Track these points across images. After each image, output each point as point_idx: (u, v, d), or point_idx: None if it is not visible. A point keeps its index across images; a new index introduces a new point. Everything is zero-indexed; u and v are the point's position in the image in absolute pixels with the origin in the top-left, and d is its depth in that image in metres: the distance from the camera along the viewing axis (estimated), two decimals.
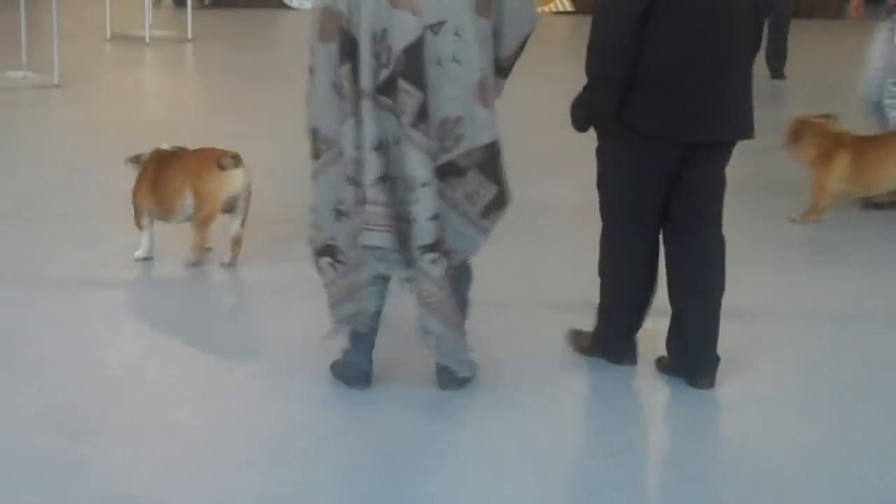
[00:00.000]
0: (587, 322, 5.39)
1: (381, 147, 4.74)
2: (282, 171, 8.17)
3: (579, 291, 5.88)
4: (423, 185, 4.71)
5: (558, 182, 8.53)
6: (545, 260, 6.93)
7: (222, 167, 6.54)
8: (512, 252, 6.70)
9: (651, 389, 5.23)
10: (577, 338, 5.48)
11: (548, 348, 5.55)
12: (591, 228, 5.42)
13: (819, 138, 7.95)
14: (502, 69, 4.97)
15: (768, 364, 5.52)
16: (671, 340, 5.25)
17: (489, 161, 4.84)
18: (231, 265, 6.64)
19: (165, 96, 13.07)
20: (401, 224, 4.79)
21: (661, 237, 5.24)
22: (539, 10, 18.34)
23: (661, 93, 4.92)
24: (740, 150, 5.23)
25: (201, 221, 6.59)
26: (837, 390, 5.33)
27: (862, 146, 7.94)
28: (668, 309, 5.23)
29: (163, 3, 18.87)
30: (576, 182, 4.98)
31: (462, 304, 5.01)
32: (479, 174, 4.83)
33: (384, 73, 4.70)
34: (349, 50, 4.73)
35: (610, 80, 4.89)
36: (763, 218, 8.00)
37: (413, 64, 4.65)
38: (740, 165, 5.53)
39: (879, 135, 8.25)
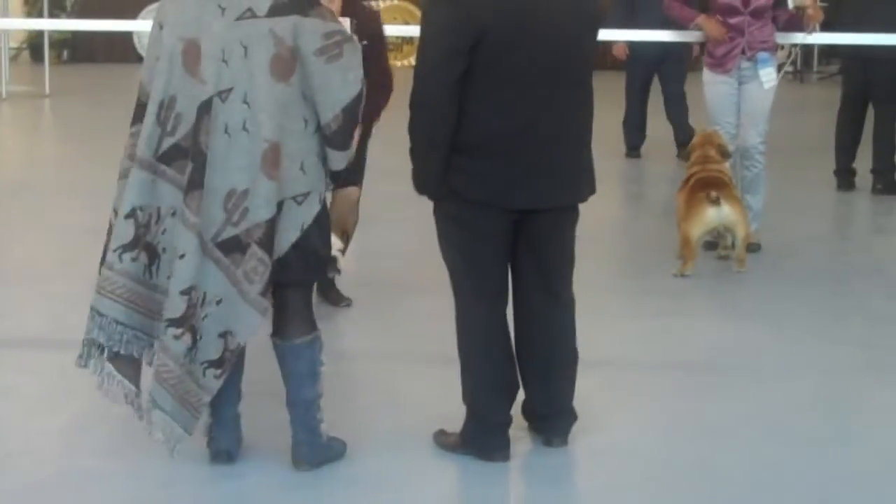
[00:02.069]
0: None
1: (136, 216, 4.62)
2: None
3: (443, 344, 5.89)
4: (181, 256, 4.57)
5: (396, 229, 8.51)
6: (414, 311, 6.95)
7: None
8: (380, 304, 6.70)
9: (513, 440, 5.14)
10: (444, 438, 5.17)
11: (411, 407, 5.54)
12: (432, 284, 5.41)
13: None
14: (328, 139, 4.66)
15: (624, 413, 5.57)
16: (526, 407, 5.16)
17: (270, 237, 4.59)
18: None
19: (22, 152, 12.89)
20: (152, 296, 4.68)
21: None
22: (399, 63, 18.45)
23: (483, 157, 4.74)
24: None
25: None
26: (694, 438, 5.39)
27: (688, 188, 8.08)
28: None
29: (20, 57, 18.63)
30: (430, 230, 4.93)
31: (311, 375, 4.87)
32: (260, 250, 4.58)
33: (168, 142, 4.59)
34: (139, 114, 4.68)
35: (430, 143, 4.74)
36: (620, 269, 8.09)
37: (196, 129, 4.54)
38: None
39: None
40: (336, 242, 5.62)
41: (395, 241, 8.14)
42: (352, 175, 5.26)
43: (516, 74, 4.68)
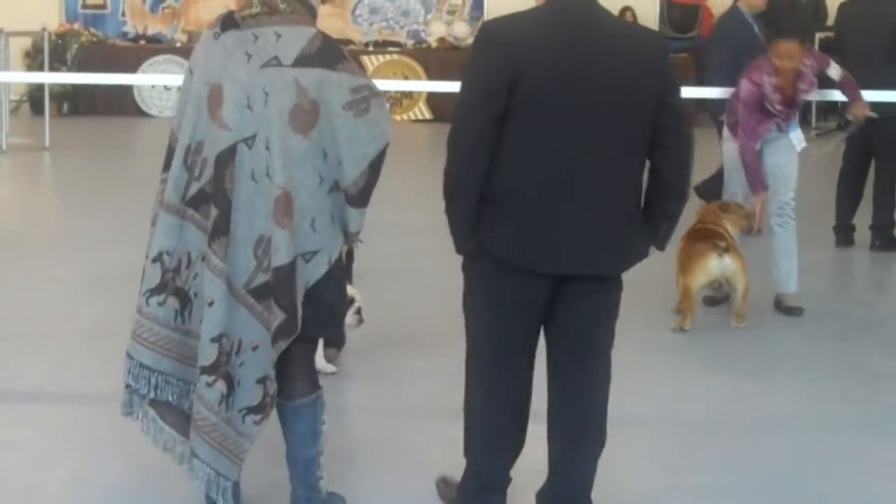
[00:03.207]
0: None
1: (163, 261, 4.63)
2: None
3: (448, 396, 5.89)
4: (210, 304, 4.56)
5: (400, 284, 8.56)
6: (415, 367, 6.95)
7: None
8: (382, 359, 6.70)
9: None
10: (445, 488, 5.11)
11: (411, 463, 5.53)
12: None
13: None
14: (351, 197, 4.61)
15: (623, 470, 5.56)
16: (544, 489, 4.86)
17: (278, 284, 4.54)
18: None
19: (21, 204, 12.91)
20: (185, 342, 4.69)
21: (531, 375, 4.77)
22: (398, 118, 18.50)
23: (510, 211, 4.43)
24: None
25: None
26: (692, 496, 5.38)
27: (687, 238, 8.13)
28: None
29: (20, 110, 18.68)
30: (426, 285, 4.88)
31: (313, 433, 4.84)
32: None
33: (195, 187, 4.60)
34: (170, 160, 4.69)
35: (459, 191, 4.44)
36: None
37: (220, 175, 4.55)
38: None
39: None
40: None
41: (400, 296, 8.14)
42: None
43: (553, 121, 4.36)
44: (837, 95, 9.01)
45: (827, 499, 5.40)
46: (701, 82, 10.43)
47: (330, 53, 4.58)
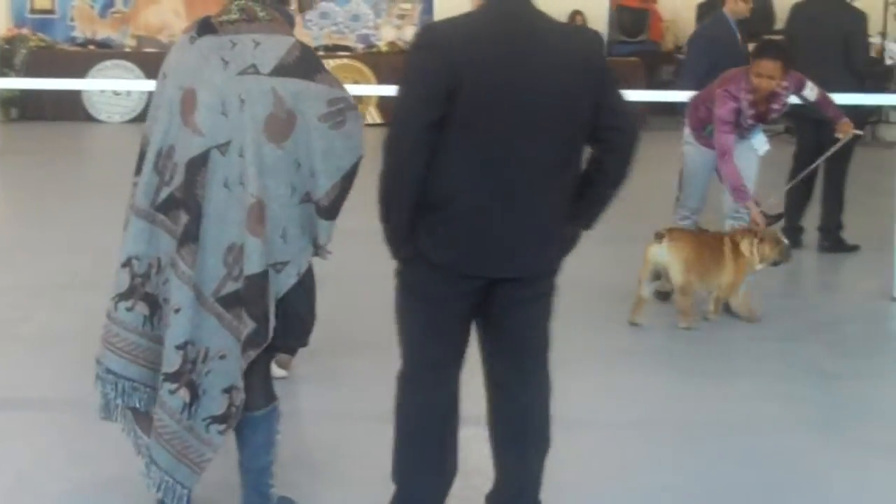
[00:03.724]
0: None
1: (132, 266, 4.61)
2: (93, 283, 8.07)
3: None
4: (176, 310, 4.53)
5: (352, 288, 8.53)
6: (364, 370, 6.94)
7: None
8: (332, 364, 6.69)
9: None
10: None
11: (361, 467, 5.53)
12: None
13: None
14: (323, 209, 4.59)
15: (578, 472, 5.58)
16: (492, 492, 4.81)
17: (250, 293, 4.52)
18: None
19: None
20: (154, 348, 4.66)
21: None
22: None
23: (449, 217, 4.39)
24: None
25: None
26: (647, 498, 5.41)
27: None
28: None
29: None
30: (376, 289, 4.86)
31: (267, 444, 4.82)
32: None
33: (165, 192, 4.56)
34: (140, 164, 4.66)
35: (396, 198, 4.40)
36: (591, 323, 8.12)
37: (191, 181, 4.51)
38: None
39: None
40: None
41: (351, 299, 8.13)
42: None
43: (492, 126, 4.32)
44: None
45: (777, 499, 5.44)
46: (651, 86, 10.47)
47: (308, 64, 4.56)
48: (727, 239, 8.24)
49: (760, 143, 8.50)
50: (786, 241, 8.34)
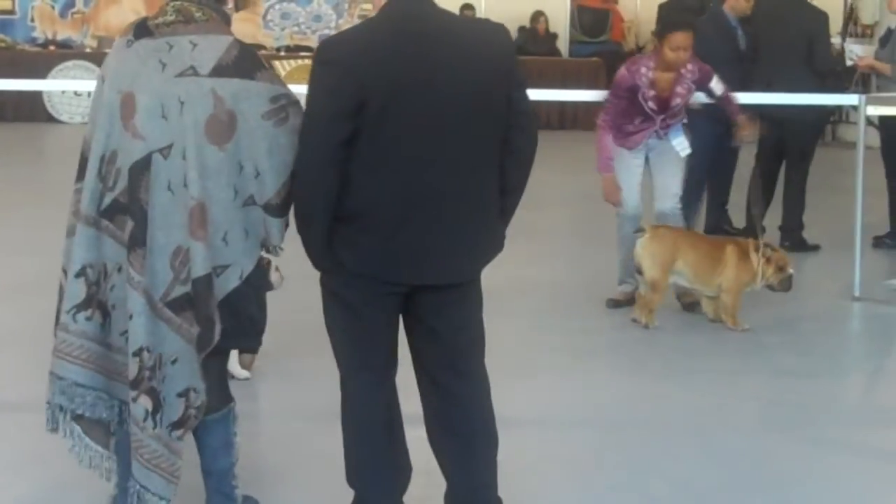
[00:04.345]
0: None
1: (87, 274, 4.54)
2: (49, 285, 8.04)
3: None
4: (130, 317, 4.48)
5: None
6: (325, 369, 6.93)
7: None
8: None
9: None
10: None
11: (323, 465, 5.53)
12: None
13: None
14: (275, 208, 4.54)
15: (537, 473, 5.59)
16: (448, 496, 4.74)
17: (197, 297, 4.48)
18: None
19: None
20: (109, 356, 4.60)
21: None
22: None
23: (368, 226, 4.37)
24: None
25: None
26: (606, 498, 5.42)
27: None
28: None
29: None
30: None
31: (225, 446, 4.80)
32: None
33: (109, 197, 4.51)
34: (83, 170, 4.60)
35: (311, 212, 4.40)
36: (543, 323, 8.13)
37: (134, 186, 4.46)
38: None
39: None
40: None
41: (306, 297, 8.10)
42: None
43: (404, 136, 4.29)
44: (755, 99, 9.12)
45: (738, 498, 5.46)
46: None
47: (247, 63, 4.52)
48: (733, 243, 8.27)
49: (682, 145, 8.44)
50: (791, 271, 8.28)
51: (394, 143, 4.29)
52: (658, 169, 8.50)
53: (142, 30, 4.57)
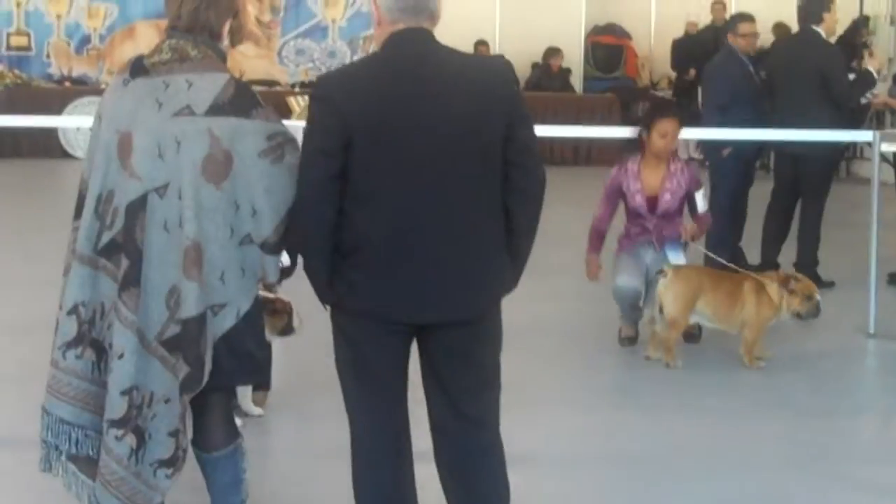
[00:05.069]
0: None
1: (79, 312, 4.55)
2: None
3: None
4: (119, 356, 4.48)
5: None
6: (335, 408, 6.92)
7: None
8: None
9: None
10: None
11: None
12: None
13: None
14: (272, 245, 4.52)
15: None
16: None
17: (185, 337, 4.46)
18: None
19: None
20: (102, 394, 4.58)
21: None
22: None
23: (364, 262, 4.34)
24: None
25: None
26: None
27: None
28: None
29: None
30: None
31: (235, 483, 4.78)
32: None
33: (107, 236, 4.52)
34: (81, 208, 4.62)
35: (309, 247, 4.40)
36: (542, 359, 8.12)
37: (131, 225, 4.46)
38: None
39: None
40: None
41: (322, 336, 8.10)
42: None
43: (395, 173, 4.28)
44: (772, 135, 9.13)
45: None
46: (626, 121, 10.56)
47: (244, 101, 4.52)
48: (750, 279, 8.21)
49: (677, 258, 8.32)
50: (818, 297, 8.21)
51: (382, 179, 4.28)
52: (653, 286, 8.23)
53: (138, 69, 4.59)
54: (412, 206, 4.30)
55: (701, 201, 8.40)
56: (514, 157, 4.40)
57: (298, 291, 4.73)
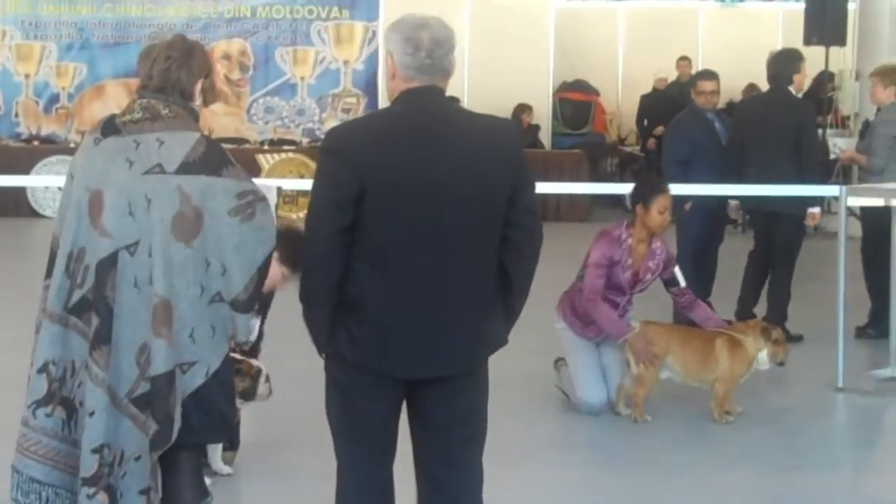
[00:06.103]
0: None
1: (49, 371, 4.56)
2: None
3: None
4: (91, 413, 4.49)
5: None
6: (305, 468, 6.89)
7: None
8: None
9: None
10: None
11: None
12: None
13: None
14: (241, 304, 4.55)
15: None
16: None
17: (154, 394, 4.48)
18: None
19: None
20: (73, 452, 4.58)
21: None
22: (295, 215, 18.43)
23: (364, 317, 4.38)
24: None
25: None
26: None
27: None
28: None
29: None
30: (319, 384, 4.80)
31: None
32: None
33: (77, 294, 4.54)
34: (51, 266, 4.64)
35: (314, 299, 4.42)
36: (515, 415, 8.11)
37: (101, 283, 4.49)
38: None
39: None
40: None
41: (299, 394, 8.09)
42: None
43: (403, 229, 4.32)
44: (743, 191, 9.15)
45: None
46: (595, 178, 10.59)
47: (214, 159, 4.56)
48: (722, 336, 8.14)
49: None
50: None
51: (389, 234, 4.32)
52: (608, 359, 8.21)
53: (109, 128, 4.62)
54: (420, 264, 4.36)
55: (680, 276, 8.29)
56: (517, 218, 4.48)
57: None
